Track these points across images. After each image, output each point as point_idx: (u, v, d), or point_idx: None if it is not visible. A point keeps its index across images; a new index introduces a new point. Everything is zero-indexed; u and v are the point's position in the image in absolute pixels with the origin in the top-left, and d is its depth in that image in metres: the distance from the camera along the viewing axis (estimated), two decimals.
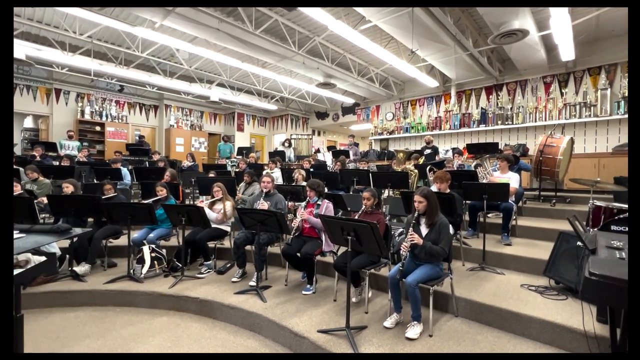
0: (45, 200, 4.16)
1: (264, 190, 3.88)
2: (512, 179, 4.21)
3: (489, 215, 4.66)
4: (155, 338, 2.75)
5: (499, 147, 6.44)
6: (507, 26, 5.11)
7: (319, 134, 14.62)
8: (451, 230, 2.84)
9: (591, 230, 2.51)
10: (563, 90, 7.48)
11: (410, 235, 2.57)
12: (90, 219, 4.22)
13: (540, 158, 5.26)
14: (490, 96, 8.64)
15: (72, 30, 6.64)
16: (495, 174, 4.57)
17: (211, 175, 6.03)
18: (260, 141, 14.23)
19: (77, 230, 1.84)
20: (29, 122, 10.19)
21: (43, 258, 1.50)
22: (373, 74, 9.15)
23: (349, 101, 11.45)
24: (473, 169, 4.98)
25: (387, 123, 10.62)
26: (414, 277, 2.47)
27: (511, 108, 8.14)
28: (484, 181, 4.52)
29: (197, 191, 5.72)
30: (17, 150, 8.80)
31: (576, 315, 2.37)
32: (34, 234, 1.55)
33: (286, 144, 10.50)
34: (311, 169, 6.46)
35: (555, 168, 5.17)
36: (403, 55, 7.36)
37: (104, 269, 4.01)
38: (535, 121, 7.67)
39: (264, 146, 14.14)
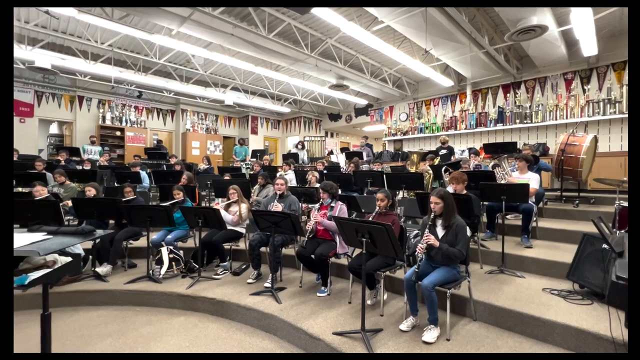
0: (69, 203, 4.34)
1: (278, 193, 3.91)
2: (532, 180, 4.09)
3: (507, 216, 4.54)
4: (173, 338, 2.81)
5: (518, 147, 6.27)
6: (524, 22, 4.98)
7: (331, 136, 14.62)
8: (468, 232, 2.78)
9: (618, 232, 2.40)
10: (585, 87, 7.20)
11: (426, 236, 2.53)
12: (111, 221, 4.37)
13: (562, 157, 5.08)
14: (508, 94, 8.42)
15: (94, 39, 6.91)
16: (513, 174, 4.44)
17: (226, 177, 6.12)
18: (273, 144, 14.36)
19: (100, 232, 1.91)
20: (54, 129, 10.66)
21: (69, 259, 1.56)
22: (386, 74, 9.09)
23: (362, 102, 11.41)
24: (490, 170, 4.87)
25: (400, 124, 10.51)
26: (430, 279, 2.43)
27: (530, 106, 7.90)
28: (502, 182, 4.40)
29: (213, 193, 5.82)
30: (44, 156, 9.20)
31: (603, 321, 2.27)
32: (60, 235, 1.61)
33: (299, 146, 10.55)
34: (324, 171, 6.47)
35: (578, 168, 4.99)
36: (417, 55, 7.28)
37: (124, 269, 4.13)
38: (556, 119, 7.42)
39: (277, 148, 14.26)
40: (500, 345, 2.35)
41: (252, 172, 7.02)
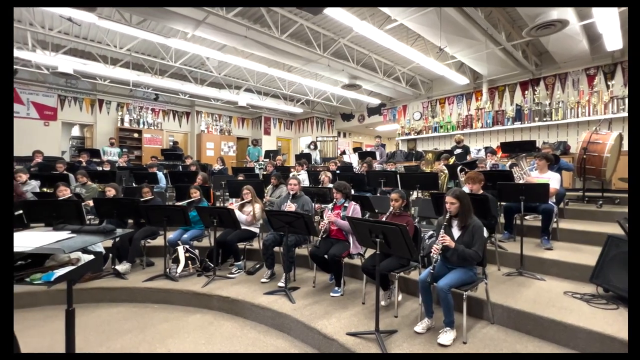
0: (91, 203, 4.49)
1: (291, 193, 3.93)
2: (552, 179, 3.96)
3: (526, 217, 4.41)
4: (190, 335, 2.86)
5: (537, 146, 6.08)
6: (544, 17, 4.83)
7: (344, 136, 14.58)
8: (485, 233, 2.72)
9: None
10: (609, 83, 6.92)
11: (442, 237, 2.49)
12: (130, 221, 4.50)
13: (584, 156, 4.89)
14: (526, 92, 8.19)
15: (113, 44, 7.13)
16: (532, 173, 4.31)
17: (240, 178, 6.20)
18: (286, 144, 14.45)
19: (119, 231, 1.97)
20: (76, 131, 11.07)
21: (91, 257, 1.62)
22: (399, 73, 8.99)
23: (375, 102, 11.33)
24: (508, 169, 4.74)
25: (414, 123, 10.38)
26: (445, 281, 2.39)
27: (550, 103, 7.66)
28: (521, 181, 4.28)
29: (227, 194, 5.91)
30: (66, 157, 9.56)
31: None
32: (82, 234, 1.67)
33: (312, 147, 10.58)
34: (337, 171, 6.46)
35: (602, 167, 4.79)
36: (431, 53, 7.17)
37: (142, 267, 4.24)
38: (577, 117, 7.16)
39: (290, 149, 14.34)
40: (520, 350, 2.28)
41: (265, 173, 7.08)
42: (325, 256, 3.29)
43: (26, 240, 1.48)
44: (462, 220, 2.56)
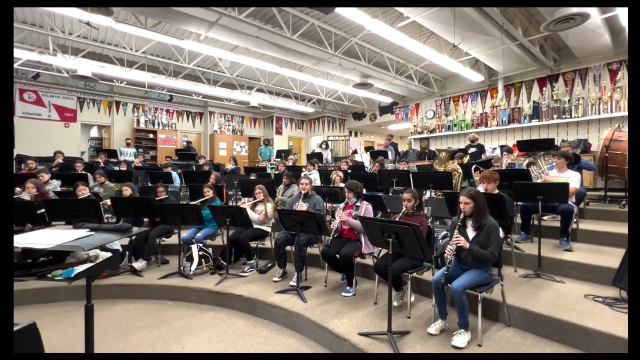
0: (109, 202, 4.62)
1: (302, 192, 3.94)
2: (572, 178, 3.82)
3: (544, 217, 4.28)
4: (203, 332, 2.91)
5: (555, 144, 5.89)
6: (563, 11, 4.66)
7: (355, 135, 14.52)
8: (501, 234, 2.65)
9: None
10: None
11: (456, 237, 2.44)
12: (145, 219, 4.60)
13: (606, 154, 4.71)
14: (544, 88, 7.94)
15: (129, 47, 7.32)
16: (551, 172, 4.18)
17: (252, 177, 6.25)
18: (297, 143, 14.49)
19: (136, 229, 2.01)
20: (94, 132, 11.40)
21: (109, 254, 1.66)
22: (412, 71, 8.88)
23: (387, 100, 11.23)
24: (525, 168, 4.62)
25: (427, 121, 10.24)
26: (460, 282, 2.34)
27: (569, 100, 7.41)
28: (539, 181, 4.16)
29: (240, 193, 5.97)
30: (85, 158, 9.87)
31: None
32: (101, 232, 1.71)
33: (323, 146, 10.58)
34: (349, 170, 6.43)
35: (625, 165, 4.60)
36: (444, 50, 7.06)
37: (157, 265, 4.33)
38: (599, 113, 6.90)
39: (301, 148, 14.37)
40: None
41: (277, 172, 7.12)
42: (337, 256, 3.28)
43: (48, 238, 1.53)
44: (476, 221, 2.51)
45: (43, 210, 3.92)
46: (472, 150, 6.95)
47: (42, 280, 1.57)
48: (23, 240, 1.57)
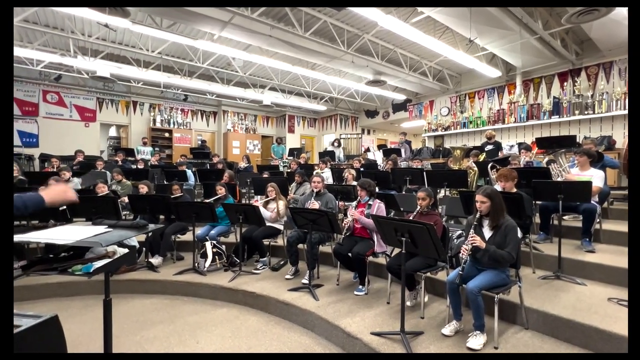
0: (126, 199, 4.74)
1: (315, 190, 3.93)
2: (595, 177, 3.67)
3: (564, 217, 4.13)
4: (217, 328, 2.95)
5: (577, 141, 5.67)
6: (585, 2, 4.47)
7: (368, 133, 14.40)
8: (519, 234, 2.58)
9: None
10: None
11: (471, 237, 2.38)
12: (161, 216, 4.70)
13: None
14: (565, 83, 7.65)
15: (146, 48, 7.48)
16: (572, 170, 4.03)
17: (265, 175, 6.30)
18: (310, 142, 14.50)
19: (152, 226, 2.06)
20: (112, 132, 11.74)
21: (127, 250, 1.70)
22: (426, 67, 8.72)
23: (400, 97, 11.08)
24: (545, 166, 4.46)
25: (441, 118, 10.05)
26: (475, 283, 2.29)
27: (592, 95, 7.12)
28: (559, 179, 4.02)
29: (253, 191, 6.02)
30: (104, 156, 10.17)
31: None
32: (118, 228, 1.75)
33: (335, 144, 10.53)
34: (361, 169, 6.39)
35: None
36: (460, 45, 6.89)
37: (173, 261, 4.43)
38: (624, 109, 6.59)
39: (313, 147, 14.37)
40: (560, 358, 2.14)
41: (289, 170, 7.14)
42: (349, 254, 3.27)
43: (69, 234, 1.58)
44: (493, 220, 2.44)
45: (65, 207, 4.05)
46: (489, 147, 6.77)
47: (63, 275, 1.62)
48: (46, 235, 1.63)
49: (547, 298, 2.68)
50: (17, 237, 1.59)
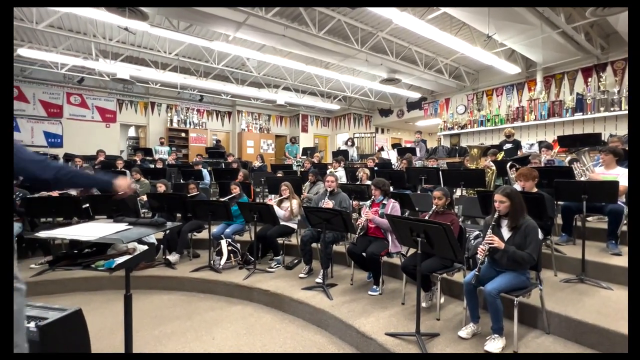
0: (145, 198, 4.87)
1: (328, 189, 3.93)
2: (622, 176, 3.50)
3: (588, 218, 3.97)
4: (232, 324, 2.99)
5: (602, 139, 5.44)
6: None
7: (382, 132, 14.26)
8: (540, 235, 2.49)
9: None
10: None
11: (489, 237, 2.32)
12: (178, 215, 4.81)
13: None
14: (589, 79, 7.35)
15: (163, 50, 7.66)
16: (597, 169, 3.86)
17: (279, 175, 6.34)
18: (323, 141, 14.49)
19: (170, 224, 2.10)
20: (132, 132, 12.09)
21: (146, 247, 1.75)
22: (442, 65, 8.56)
23: (415, 96, 10.92)
24: (567, 165, 4.30)
25: (458, 117, 9.84)
26: (494, 285, 2.22)
27: (618, 91, 6.81)
28: (583, 179, 3.86)
29: (267, 190, 6.07)
30: (124, 156, 10.49)
31: None
32: (138, 226, 1.80)
33: (349, 143, 10.49)
34: (375, 168, 6.33)
35: None
36: (477, 41, 6.73)
37: (189, 258, 4.52)
38: None
39: (327, 146, 14.36)
40: None
41: (303, 170, 7.16)
42: (363, 254, 3.25)
43: (92, 231, 1.64)
44: (512, 221, 2.37)
45: (87, 205, 4.21)
46: (508, 146, 6.58)
47: (87, 270, 1.68)
48: (71, 232, 1.69)
49: (570, 302, 2.58)
50: (44, 233, 1.66)
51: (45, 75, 9.31)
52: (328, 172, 5.44)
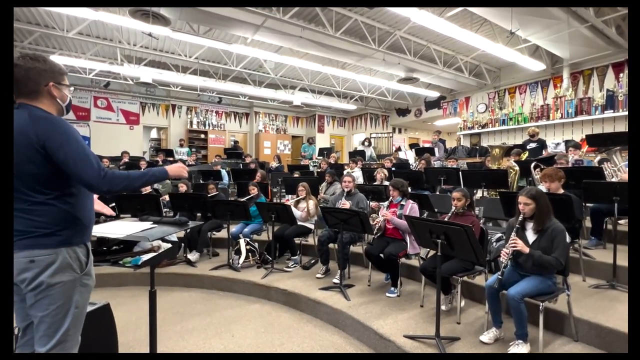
0: (167, 197, 5.03)
1: (345, 190, 3.92)
2: None
3: (620, 221, 3.77)
4: (250, 322, 3.04)
5: None
6: None
7: (399, 132, 14.08)
8: (567, 239, 2.39)
9: None
10: None
11: (513, 240, 2.25)
12: (198, 214, 4.93)
13: None
14: (621, 74, 6.98)
15: (184, 54, 7.88)
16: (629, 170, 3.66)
17: (296, 175, 6.38)
18: (339, 141, 14.47)
19: (191, 223, 2.16)
20: (154, 134, 12.50)
21: (169, 245, 1.81)
22: (461, 62, 8.36)
23: (433, 95, 10.73)
24: (597, 165, 4.11)
25: (478, 116, 9.59)
26: (518, 289, 2.15)
27: None
28: (614, 180, 3.68)
29: (284, 190, 6.13)
30: (147, 157, 10.86)
31: None
32: (162, 225, 1.86)
33: (366, 143, 10.42)
34: (392, 168, 6.26)
35: None
36: (499, 38, 6.54)
37: (209, 257, 4.62)
38: None
39: (343, 146, 14.33)
40: None
41: (319, 170, 7.18)
42: (381, 255, 3.22)
43: (119, 229, 1.71)
44: (538, 223, 2.28)
45: (114, 204, 4.39)
46: (532, 145, 6.34)
47: (114, 266, 1.76)
48: (99, 230, 1.77)
49: (600, 309, 2.46)
50: None
51: (74, 80, 9.77)
52: (345, 172, 5.43)
